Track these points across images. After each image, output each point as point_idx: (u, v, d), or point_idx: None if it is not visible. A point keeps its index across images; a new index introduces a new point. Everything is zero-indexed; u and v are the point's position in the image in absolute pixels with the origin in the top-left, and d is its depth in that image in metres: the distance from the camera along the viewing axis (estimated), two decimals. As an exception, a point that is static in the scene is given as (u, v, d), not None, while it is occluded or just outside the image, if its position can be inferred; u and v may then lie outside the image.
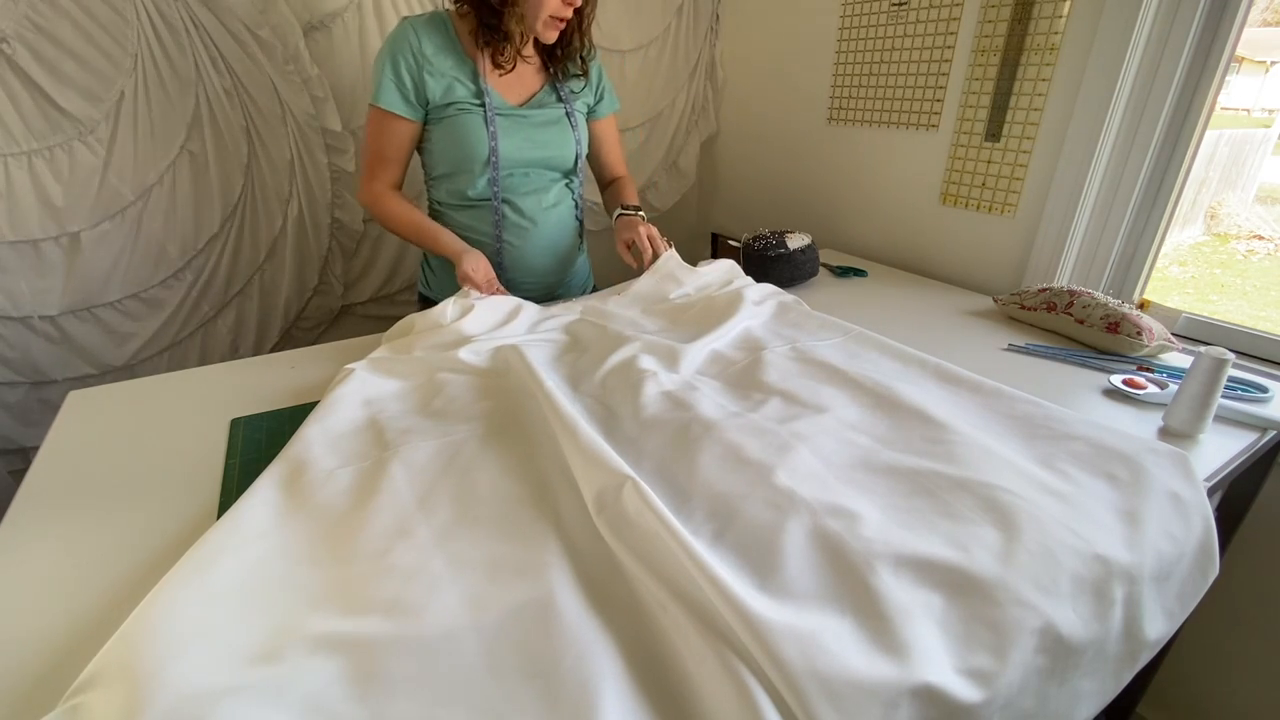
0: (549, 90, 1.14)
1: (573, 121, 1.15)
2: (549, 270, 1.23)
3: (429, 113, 1.07)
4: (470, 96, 1.05)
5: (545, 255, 1.21)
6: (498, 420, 0.77)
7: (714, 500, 0.62)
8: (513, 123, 1.09)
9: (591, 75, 1.18)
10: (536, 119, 1.11)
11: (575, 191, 1.23)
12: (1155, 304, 1.21)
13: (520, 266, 1.19)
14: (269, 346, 1.57)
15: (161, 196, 1.34)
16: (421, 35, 1.03)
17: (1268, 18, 2.92)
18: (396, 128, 1.06)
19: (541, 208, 1.17)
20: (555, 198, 1.18)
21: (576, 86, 1.17)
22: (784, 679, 0.43)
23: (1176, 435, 0.79)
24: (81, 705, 0.42)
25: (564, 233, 1.22)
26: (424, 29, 1.03)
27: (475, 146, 1.07)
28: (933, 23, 1.35)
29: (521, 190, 1.14)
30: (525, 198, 1.15)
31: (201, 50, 1.28)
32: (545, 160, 1.14)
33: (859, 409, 0.78)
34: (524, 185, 1.14)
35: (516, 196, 1.14)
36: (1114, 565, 0.55)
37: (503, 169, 1.10)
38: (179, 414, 0.84)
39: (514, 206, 1.14)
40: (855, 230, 1.66)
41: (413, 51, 1.02)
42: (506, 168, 1.11)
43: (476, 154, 1.07)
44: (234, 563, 0.54)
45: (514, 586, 0.53)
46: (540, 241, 1.19)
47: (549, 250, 1.21)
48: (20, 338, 1.30)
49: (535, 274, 1.21)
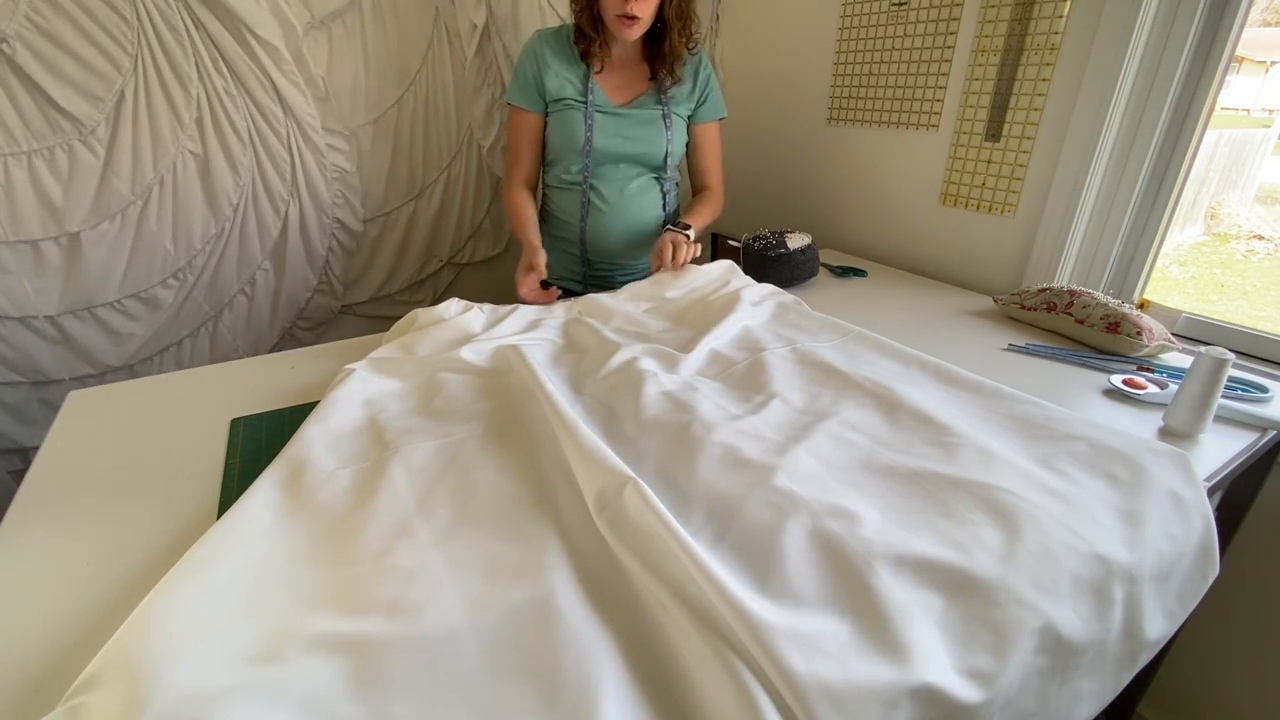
0: (652, 93, 1.26)
1: (668, 123, 1.26)
2: (621, 252, 1.33)
3: (548, 106, 1.24)
4: (577, 95, 1.22)
5: (620, 238, 1.31)
6: (498, 420, 0.77)
7: (714, 501, 0.62)
8: (610, 119, 1.23)
9: (691, 79, 1.27)
10: (634, 118, 1.24)
11: (664, 186, 1.32)
12: (1155, 304, 1.21)
13: (597, 246, 1.32)
14: (269, 346, 1.57)
15: (161, 196, 1.34)
16: (544, 42, 1.22)
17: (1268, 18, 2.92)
18: (520, 120, 1.26)
19: (623, 196, 1.28)
20: (639, 188, 1.29)
21: (681, 91, 1.26)
22: (784, 679, 0.43)
23: (1176, 435, 0.79)
24: (81, 705, 0.42)
25: (642, 221, 1.32)
26: (548, 37, 1.23)
27: (574, 136, 1.23)
28: (933, 23, 1.35)
29: (608, 178, 1.27)
30: (610, 185, 1.27)
31: (201, 50, 1.28)
32: (635, 155, 1.26)
33: (859, 410, 0.78)
34: (612, 174, 1.27)
35: (602, 183, 1.27)
36: (1114, 565, 0.55)
37: (595, 159, 1.24)
38: (179, 414, 0.84)
39: (598, 192, 1.27)
40: (855, 230, 1.66)
41: (535, 56, 1.21)
42: (599, 158, 1.25)
43: (574, 143, 1.23)
44: (234, 563, 0.54)
45: (514, 586, 0.53)
46: (616, 225, 1.30)
47: (624, 234, 1.31)
48: (20, 338, 1.30)
49: (609, 254, 1.33)
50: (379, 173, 1.58)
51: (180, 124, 1.31)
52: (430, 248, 1.74)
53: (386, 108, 1.53)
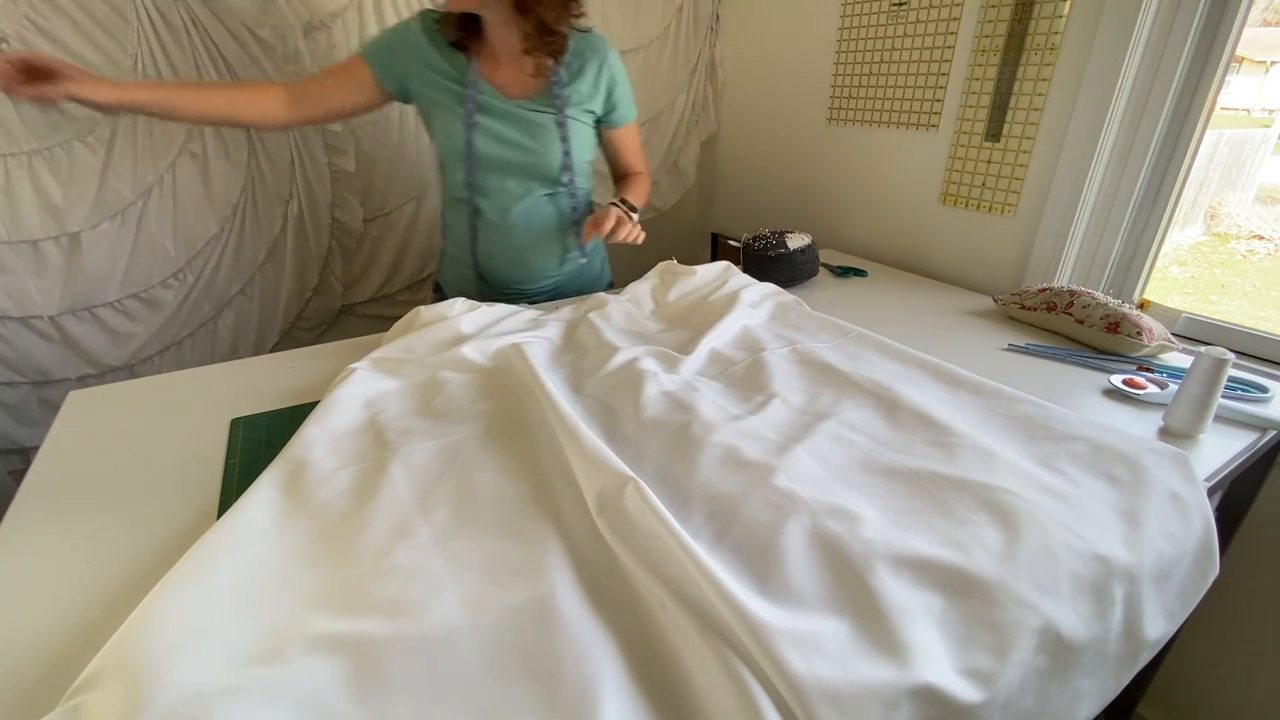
0: (548, 92, 1.07)
1: (563, 129, 1.08)
2: (515, 276, 1.20)
3: (411, 98, 1.07)
4: (454, 85, 1.04)
5: (510, 260, 1.17)
6: (498, 420, 0.77)
7: (714, 502, 0.62)
8: (494, 121, 1.06)
9: (593, 76, 1.10)
10: (520, 120, 1.07)
11: (568, 201, 1.16)
12: (1155, 304, 1.21)
13: (489, 267, 1.18)
14: (269, 346, 1.57)
15: (161, 196, 1.33)
16: (427, 28, 1.04)
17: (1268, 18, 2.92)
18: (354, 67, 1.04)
19: (510, 214, 1.12)
20: (532, 206, 1.13)
21: (581, 90, 1.09)
22: (784, 679, 0.43)
23: (1176, 435, 0.79)
24: (81, 705, 0.42)
25: (537, 242, 1.17)
26: (432, 23, 1.04)
27: (453, 138, 1.06)
28: (933, 23, 1.35)
29: (493, 193, 1.11)
30: (495, 200, 1.11)
31: (201, 50, 1.28)
32: (523, 165, 1.09)
33: (859, 410, 0.78)
34: (499, 187, 1.10)
35: (487, 199, 1.11)
36: (1114, 565, 0.55)
37: (478, 166, 1.08)
38: (179, 414, 0.84)
39: (481, 209, 1.12)
40: (855, 230, 1.66)
41: (408, 43, 1.03)
42: (482, 165, 1.08)
43: (454, 146, 1.07)
44: (234, 563, 0.54)
45: (514, 586, 0.53)
46: (506, 246, 1.15)
47: (515, 256, 1.17)
48: (20, 338, 1.29)
49: (502, 277, 1.19)
50: (379, 173, 1.58)
51: (180, 124, 1.31)
52: (430, 248, 1.73)
53: (386, 108, 1.53)
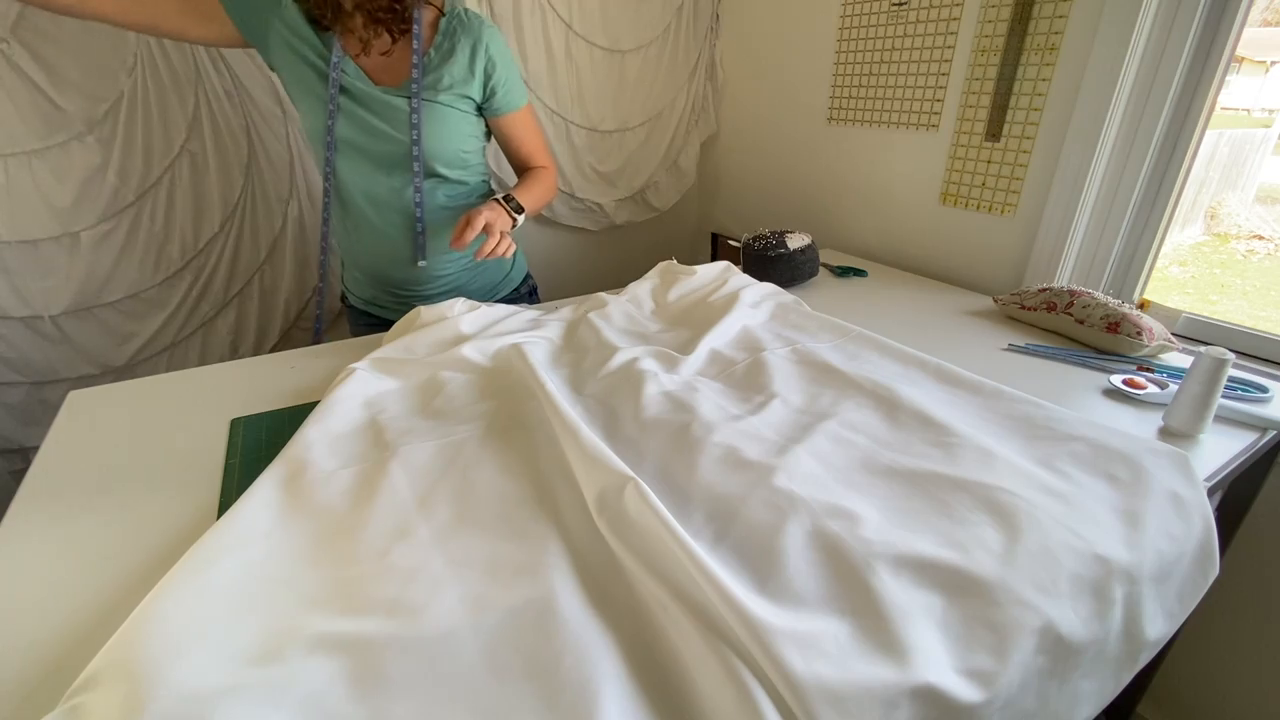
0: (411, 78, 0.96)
1: (415, 114, 0.96)
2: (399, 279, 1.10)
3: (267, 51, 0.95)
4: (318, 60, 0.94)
5: (387, 258, 1.08)
6: (498, 420, 0.77)
7: (714, 502, 0.62)
8: (357, 105, 0.96)
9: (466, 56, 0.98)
10: (380, 105, 0.96)
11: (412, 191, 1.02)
12: (1155, 304, 1.21)
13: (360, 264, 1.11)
14: (269, 346, 1.57)
15: (161, 196, 1.34)
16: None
17: (1268, 18, 2.92)
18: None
19: (370, 206, 1.03)
20: (388, 195, 1.02)
21: (452, 72, 0.98)
22: (784, 680, 0.43)
23: (1176, 435, 0.79)
24: (81, 705, 0.42)
25: (402, 235, 1.05)
26: None
27: (314, 116, 0.97)
28: (933, 23, 1.35)
29: (353, 181, 1.01)
30: (354, 188, 1.01)
31: (201, 50, 1.28)
32: (377, 153, 0.99)
33: (859, 410, 0.78)
34: (356, 175, 1.00)
35: (345, 188, 1.01)
36: (1114, 565, 0.55)
37: (338, 152, 0.98)
38: (179, 414, 0.84)
39: (341, 198, 1.02)
40: (855, 230, 1.66)
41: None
42: (343, 151, 0.98)
43: (315, 125, 0.98)
44: (234, 563, 0.54)
45: (514, 586, 0.53)
46: (367, 244, 1.07)
47: (387, 252, 1.07)
48: (20, 338, 1.29)
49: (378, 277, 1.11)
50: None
51: (180, 124, 1.31)
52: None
53: (386, 108, 1.53)
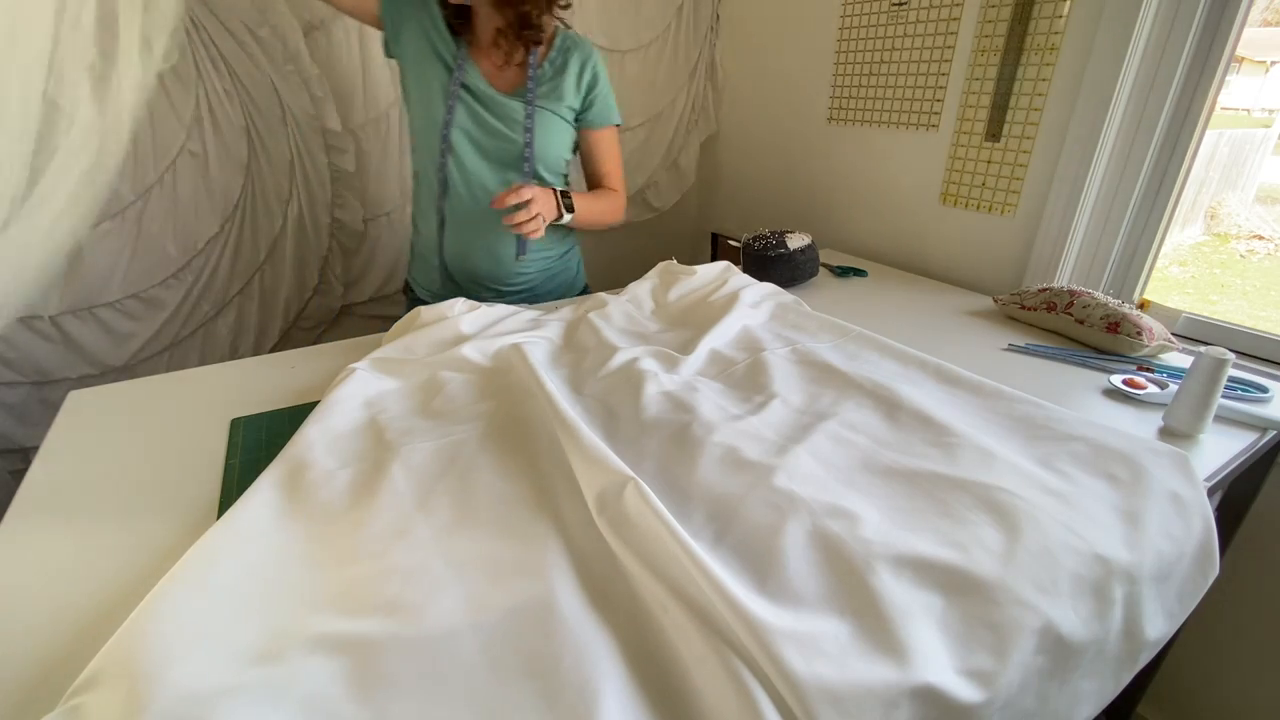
0: (525, 87, 1.09)
1: (530, 118, 1.09)
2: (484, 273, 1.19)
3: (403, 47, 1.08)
4: (445, 59, 1.06)
5: (482, 250, 1.17)
6: (498, 420, 0.77)
7: (714, 502, 0.62)
8: (476, 105, 1.08)
9: (575, 73, 1.12)
10: (498, 106, 1.08)
11: None
12: (1155, 304, 1.21)
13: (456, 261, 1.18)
14: (269, 346, 1.57)
15: (161, 196, 1.33)
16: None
17: (1268, 18, 2.92)
18: None
19: (481, 201, 1.11)
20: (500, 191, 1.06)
21: (560, 85, 1.11)
22: (784, 680, 0.43)
23: (1176, 435, 0.79)
24: (81, 705, 0.42)
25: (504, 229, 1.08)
26: None
27: (432, 109, 1.07)
28: (933, 23, 1.35)
29: (467, 176, 1.11)
30: (469, 184, 1.11)
31: (201, 50, 1.28)
32: (492, 150, 1.11)
33: (859, 410, 0.78)
34: (471, 171, 1.11)
35: (460, 182, 1.11)
36: (1114, 565, 0.55)
37: (455, 148, 1.09)
38: (179, 414, 0.84)
39: (456, 191, 1.12)
40: (855, 230, 1.66)
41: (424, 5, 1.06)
42: (459, 147, 1.09)
43: (433, 117, 1.08)
44: (234, 563, 0.54)
45: (514, 586, 0.53)
46: (476, 236, 1.15)
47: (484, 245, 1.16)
48: (20, 338, 1.29)
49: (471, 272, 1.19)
50: (379, 173, 1.58)
51: (180, 124, 1.31)
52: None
53: (386, 107, 1.53)
